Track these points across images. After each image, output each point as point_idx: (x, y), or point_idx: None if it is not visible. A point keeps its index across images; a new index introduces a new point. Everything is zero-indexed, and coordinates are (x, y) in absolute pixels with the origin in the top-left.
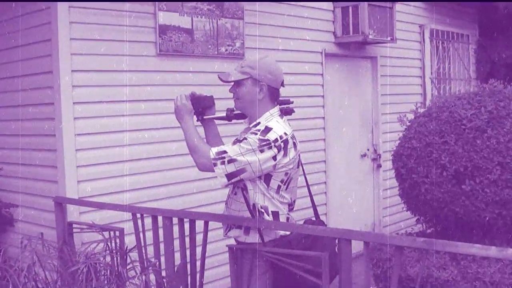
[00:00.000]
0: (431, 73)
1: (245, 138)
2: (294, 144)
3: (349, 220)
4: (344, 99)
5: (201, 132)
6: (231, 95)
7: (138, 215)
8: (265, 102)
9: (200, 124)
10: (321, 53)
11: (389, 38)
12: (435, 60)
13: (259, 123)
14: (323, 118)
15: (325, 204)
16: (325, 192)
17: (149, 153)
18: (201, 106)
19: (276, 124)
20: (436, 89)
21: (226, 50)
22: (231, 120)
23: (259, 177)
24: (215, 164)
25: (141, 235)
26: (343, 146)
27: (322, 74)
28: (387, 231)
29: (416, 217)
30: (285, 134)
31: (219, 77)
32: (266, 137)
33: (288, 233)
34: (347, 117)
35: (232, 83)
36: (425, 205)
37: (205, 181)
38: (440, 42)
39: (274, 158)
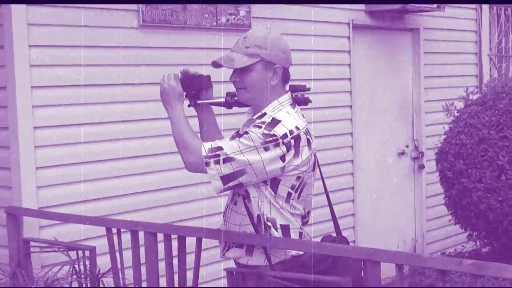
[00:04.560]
0: (490, 49)
1: (246, 132)
2: (308, 141)
3: (383, 236)
4: (377, 82)
5: (195, 127)
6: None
7: (114, 230)
8: (277, 88)
9: (190, 116)
10: (348, 24)
11: (435, 5)
12: (495, 33)
13: (264, 113)
14: (350, 107)
15: (353, 215)
16: (353, 200)
17: (128, 151)
18: (195, 87)
19: (286, 116)
20: (497, 69)
21: (228, 20)
22: (231, 107)
23: (265, 182)
24: (207, 164)
25: (118, 255)
26: (375, 142)
27: (349, 51)
28: (432, 250)
29: (467, 232)
30: (297, 128)
31: (216, 64)
32: (272, 132)
33: (301, 253)
34: (381, 106)
35: (234, 70)
36: (478, 217)
37: (197, 187)
38: (503, 10)
39: (282, 158)
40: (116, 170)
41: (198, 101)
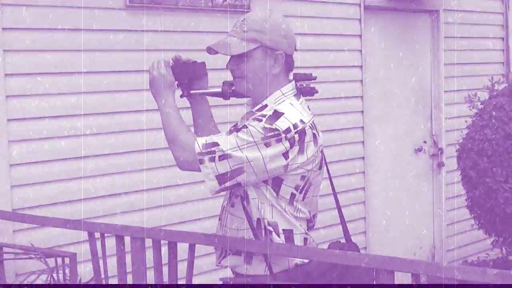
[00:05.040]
0: None
1: (245, 126)
2: (314, 136)
3: (398, 242)
4: (391, 71)
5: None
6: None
7: (97, 235)
8: (279, 77)
9: (182, 108)
10: (359, 5)
11: None
12: None
13: (265, 105)
14: (361, 97)
15: (364, 218)
16: (364, 202)
17: (113, 147)
18: (188, 76)
19: (290, 108)
20: None
21: (225, 0)
22: (228, 98)
23: (265, 182)
24: (201, 161)
25: (101, 262)
26: (389, 137)
27: (360, 36)
28: (452, 258)
29: (491, 238)
30: (302, 122)
31: (211, 50)
32: (274, 126)
33: (306, 261)
34: (395, 97)
35: (231, 57)
36: (504, 221)
37: (190, 187)
38: None
39: (285, 155)
40: (99, 168)
41: (191, 91)
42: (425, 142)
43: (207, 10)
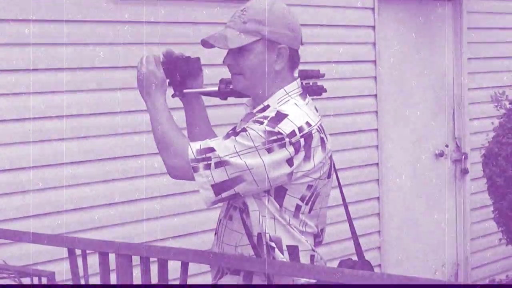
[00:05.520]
0: None
1: (245, 130)
2: (322, 140)
3: (417, 259)
4: (409, 66)
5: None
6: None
7: (78, 252)
8: (283, 74)
9: (174, 109)
10: None
11: None
12: None
13: (267, 106)
14: (375, 96)
15: (378, 232)
16: (378, 214)
17: (97, 152)
18: (181, 73)
19: (294, 109)
20: None
21: None
22: (226, 98)
23: (267, 192)
24: (195, 169)
25: (83, 281)
26: (406, 140)
27: (373, 27)
28: (478, 277)
29: None
30: (308, 124)
31: (207, 43)
32: (276, 129)
33: (313, 281)
34: (413, 95)
35: (228, 51)
36: None
37: (183, 197)
38: None
39: (290, 162)
40: (80, 176)
41: (184, 90)
42: (446, 146)
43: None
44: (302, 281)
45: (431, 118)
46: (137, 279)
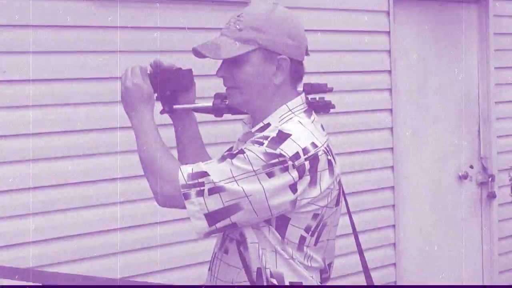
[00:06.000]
0: None
1: (242, 151)
2: (330, 163)
3: None
4: (428, 76)
5: (167, 140)
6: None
7: None
8: (284, 88)
9: (162, 126)
10: None
11: None
12: None
13: (268, 124)
14: (390, 111)
15: (393, 265)
16: (393, 244)
17: (73, 173)
18: (171, 86)
19: (299, 128)
20: None
21: None
22: (221, 115)
23: (267, 222)
24: (186, 195)
25: None
26: (426, 160)
27: (388, 33)
28: None
29: None
30: (314, 145)
31: (198, 53)
32: (278, 151)
33: None
34: (433, 109)
35: (222, 61)
36: None
37: (172, 225)
38: None
39: (293, 188)
40: (52, 201)
41: (174, 106)
42: (471, 167)
43: (198, 2)
44: None
45: (454, 135)
46: None
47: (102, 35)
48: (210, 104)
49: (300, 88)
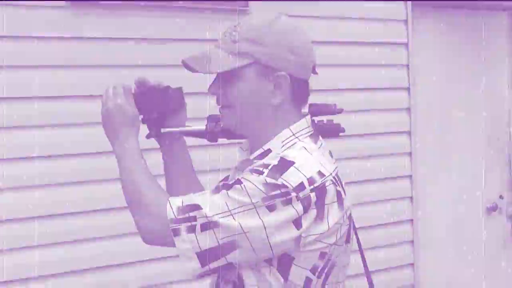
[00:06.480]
0: None
1: (239, 181)
2: (339, 194)
3: None
4: (452, 94)
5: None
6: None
7: None
8: (286, 110)
9: (147, 150)
10: (405, 1)
11: None
12: None
13: (268, 150)
14: (408, 133)
15: None
16: (413, 286)
17: (47, 204)
18: (158, 108)
19: (303, 155)
20: None
21: None
22: (215, 140)
23: (268, 262)
24: (176, 231)
25: None
26: (448, 190)
27: (406, 44)
28: None
29: None
30: (321, 175)
31: (186, 65)
32: (280, 181)
33: None
34: (458, 131)
35: (215, 77)
36: None
37: (159, 263)
38: None
39: (297, 223)
40: (25, 237)
41: (162, 130)
42: (501, 197)
43: (189, 9)
44: None
45: (481, 161)
46: None
47: (76, 48)
48: (203, 127)
49: (305, 109)
